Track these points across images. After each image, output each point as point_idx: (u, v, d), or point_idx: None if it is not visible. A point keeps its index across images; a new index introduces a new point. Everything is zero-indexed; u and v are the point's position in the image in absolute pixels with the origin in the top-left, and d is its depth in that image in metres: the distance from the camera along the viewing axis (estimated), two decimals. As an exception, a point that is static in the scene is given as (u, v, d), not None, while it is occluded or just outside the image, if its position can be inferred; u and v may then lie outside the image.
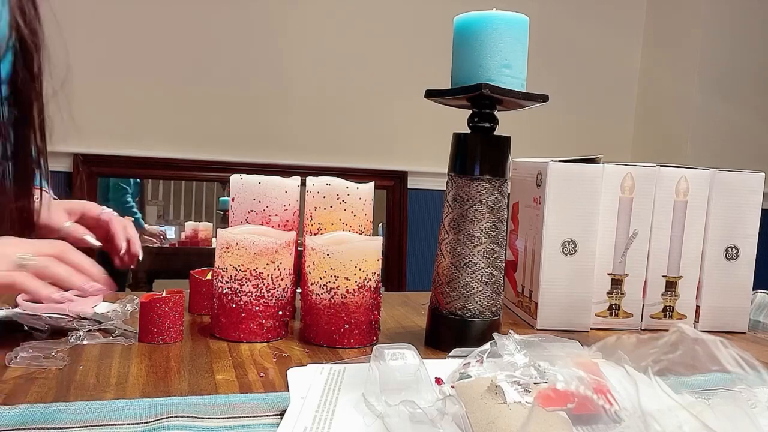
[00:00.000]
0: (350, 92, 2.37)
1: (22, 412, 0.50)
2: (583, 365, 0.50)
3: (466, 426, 0.47)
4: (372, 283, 0.72)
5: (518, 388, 0.49)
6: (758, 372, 0.45)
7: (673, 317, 0.88)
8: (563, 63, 2.51)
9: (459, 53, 0.70)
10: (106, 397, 0.55)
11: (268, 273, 0.71)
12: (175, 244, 2.39)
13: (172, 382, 0.59)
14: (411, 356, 0.56)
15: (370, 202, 0.80)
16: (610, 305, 0.87)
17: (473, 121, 0.72)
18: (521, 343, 0.55)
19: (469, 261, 0.71)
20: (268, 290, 0.72)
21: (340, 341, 0.71)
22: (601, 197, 0.85)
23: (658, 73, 2.58)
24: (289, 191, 0.79)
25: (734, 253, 0.88)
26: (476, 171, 0.71)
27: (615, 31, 2.61)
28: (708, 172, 0.87)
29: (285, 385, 0.59)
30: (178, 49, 2.20)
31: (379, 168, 2.37)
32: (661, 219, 0.87)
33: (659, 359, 0.48)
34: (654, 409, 0.43)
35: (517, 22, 0.69)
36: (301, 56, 2.31)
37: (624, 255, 0.86)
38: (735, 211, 0.87)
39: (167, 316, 0.69)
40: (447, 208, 0.73)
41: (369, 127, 2.40)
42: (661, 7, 2.58)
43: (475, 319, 0.72)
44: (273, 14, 2.27)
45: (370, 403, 0.52)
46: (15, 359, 0.61)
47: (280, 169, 2.20)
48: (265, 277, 0.71)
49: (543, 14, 2.37)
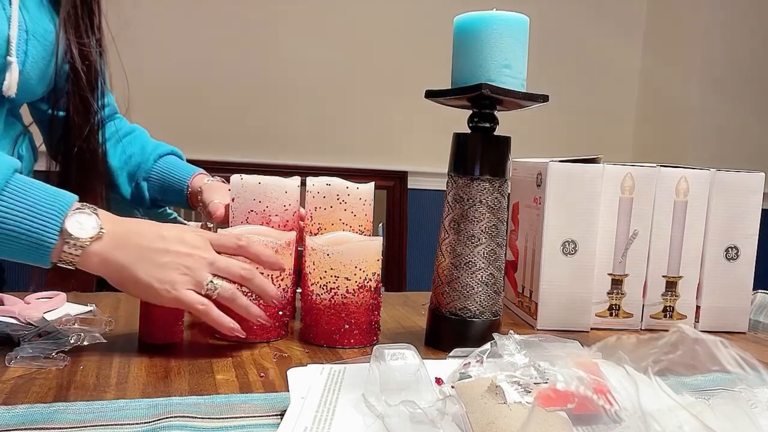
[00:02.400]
0: (350, 92, 2.37)
1: (22, 412, 0.50)
2: (584, 365, 0.50)
3: (466, 426, 0.47)
4: (372, 283, 0.72)
5: (518, 388, 0.49)
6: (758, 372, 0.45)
7: (673, 317, 0.88)
8: (563, 63, 2.51)
9: (459, 53, 0.70)
10: (107, 397, 0.55)
11: (269, 273, 0.71)
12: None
13: (172, 382, 0.59)
14: (411, 356, 0.56)
15: (370, 203, 0.80)
16: (610, 305, 0.87)
17: (473, 121, 0.72)
18: (521, 343, 0.55)
19: (469, 261, 0.71)
20: (269, 290, 0.72)
21: (341, 341, 0.71)
22: (601, 197, 0.85)
23: (658, 73, 2.58)
24: (289, 191, 0.79)
25: (734, 253, 0.88)
26: (476, 171, 0.71)
27: (615, 31, 2.60)
28: (708, 172, 0.87)
29: (285, 385, 0.59)
30: (177, 49, 2.19)
31: (379, 168, 2.37)
32: (661, 219, 0.87)
33: (659, 359, 0.48)
34: (654, 409, 0.43)
35: (517, 22, 0.69)
36: (302, 56, 2.31)
37: (624, 255, 0.86)
38: (735, 211, 0.87)
39: (167, 317, 0.69)
40: (447, 208, 0.73)
41: (369, 127, 2.39)
42: (661, 7, 2.58)
43: (475, 319, 0.72)
44: (273, 14, 2.27)
45: (370, 403, 0.52)
46: (15, 359, 0.61)
47: (281, 170, 2.19)
48: (266, 277, 0.71)
49: (543, 14, 2.37)
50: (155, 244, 0.64)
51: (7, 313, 0.72)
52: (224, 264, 0.66)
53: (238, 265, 0.66)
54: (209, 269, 0.65)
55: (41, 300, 0.78)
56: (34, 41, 0.83)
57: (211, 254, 0.65)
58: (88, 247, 0.61)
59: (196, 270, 0.64)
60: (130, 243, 0.63)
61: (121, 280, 0.64)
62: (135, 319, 0.73)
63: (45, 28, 0.85)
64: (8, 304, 0.75)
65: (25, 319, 0.71)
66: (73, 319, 0.74)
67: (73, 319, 0.74)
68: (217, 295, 0.64)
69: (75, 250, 0.61)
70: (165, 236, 0.65)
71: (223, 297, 0.65)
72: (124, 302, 0.85)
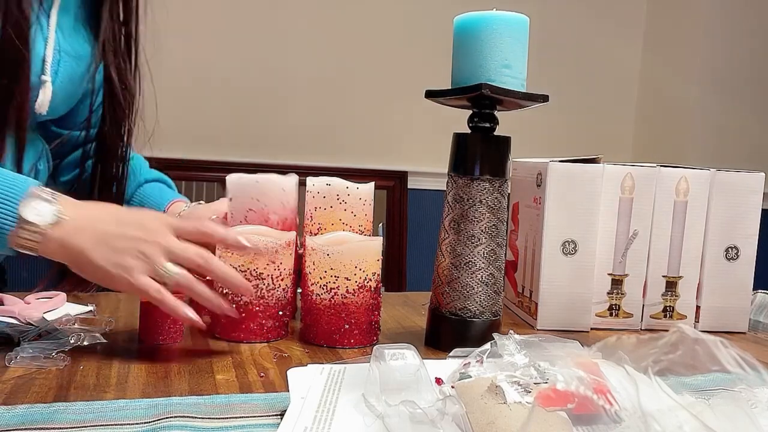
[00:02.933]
0: (350, 92, 2.37)
1: (22, 412, 0.50)
2: (584, 365, 0.50)
3: (466, 426, 0.47)
4: (372, 283, 0.72)
5: (518, 388, 0.49)
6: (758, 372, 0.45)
7: (673, 317, 0.88)
8: (563, 63, 2.51)
9: (459, 53, 0.70)
10: (107, 397, 0.55)
11: (269, 273, 0.71)
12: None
13: (172, 382, 0.59)
14: (411, 356, 0.56)
15: (370, 203, 0.80)
16: (610, 305, 0.87)
17: (473, 121, 0.72)
18: (521, 343, 0.55)
19: (469, 261, 0.71)
20: (269, 290, 0.72)
21: (341, 341, 0.71)
22: (601, 197, 0.85)
23: (658, 73, 2.58)
24: (287, 189, 0.79)
25: (734, 253, 0.88)
26: (476, 171, 0.71)
27: (615, 31, 2.60)
28: (708, 172, 0.87)
29: (285, 385, 0.59)
30: (177, 49, 2.19)
31: (379, 168, 2.37)
32: (661, 219, 0.87)
33: (659, 359, 0.48)
34: (654, 409, 0.43)
35: (517, 22, 0.69)
36: (302, 56, 2.31)
37: (624, 255, 0.86)
38: (735, 211, 0.87)
39: (167, 316, 0.69)
40: (447, 208, 0.73)
41: (369, 127, 2.39)
42: (661, 7, 2.58)
43: (475, 319, 0.72)
44: (273, 14, 2.27)
45: (370, 403, 0.52)
46: (15, 359, 0.61)
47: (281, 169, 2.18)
48: (266, 277, 0.71)
49: (543, 14, 2.37)
50: (113, 228, 0.62)
51: (7, 313, 0.72)
52: (181, 250, 0.63)
53: (196, 252, 0.64)
54: (166, 255, 0.62)
55: (41, 300, 0.78)
56: (66, 61, 0.83)
57: (169, 240, 0.63)
58: (46, 233, 0.60)
59: (152, 256, 0.62)
60: (88, 228, 0.62)
61: (80, 265, 0.62)
62: (135, 319, 0.73)
63: (79, 49, 0.86)
64: (8, 304, 0.75)
65: (25, 319, 0.71)
66: (73, 319, 0.74)
67: (73, 319, 0.74)
68: (172, 282, 0.62)
69: (33, 236, 0.60)
70: (124, 221, 0.63)
71: (179, 284, 0.63)
72: (124, 302, 0.85)
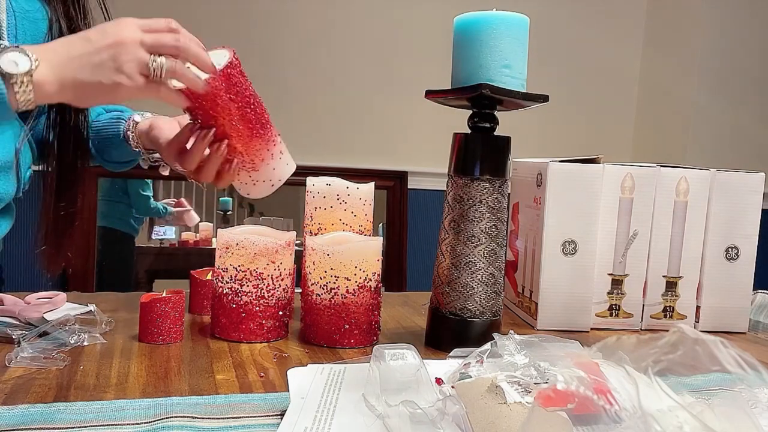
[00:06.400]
0: (351, 92, 2.37)
1: (22, 412, 0.50)
2: (584, 365, 0.50)
3: (467, 426, 0.47)
4: (372, 283, 0.72)
5: (518, 388, 0.49)
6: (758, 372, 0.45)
7: (673, 317, 0.88)
8: (563, 63, 2.51)
9: (459, 53, 0.70)
10: (107, 397, 0.55)
11: (269, 273, 0.71)
12: (176, 245, 2.39)
13: (172, 383, 0.59)
14: (411, 356, 0.56)
15: (370, 203, 0.80)
16: (610, 305, 0.87)
17: (473, 122, 0.72)
18: (521, 344, 0.55)
19: (469, 261, 0.71)
20: (269, 290, 0.72)
21: (341, 341, 0.71)
22: (601, 197, 0.85)
23: (658, 73, 2.58)
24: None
25: (734, 253, 0.88)
26: (476, 171, 0.71)
27: (615, 31, 2.60)
28: (708, 172, 0.87)
29: (285, 385, 0.59)
30: (178, 49, 2.19)
31: (379, 168, 2.37)
32: (661, 219, 0.87)
33: (659, 359, 0.48)
34: (654, 409, 0.43)
35: (517, 22, 0.69)
36: (301, 56, 2.31)
37: (624, 255, 0.86)
38: (735, 211, 0.87)
39: (167, 317, 0.69)
40: (447, 208, 0.73)
41: (369, 127, 2.39)
42: (661, 7, 2.58)
43: (476, 319, 0.72)
44: (273, 14, 2.27)
45: (370, 403, 0.52)
46: (15, 359, 0.61)
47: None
48: (266, 277, 0.71)
49: (543, 14, 2.37)
50: (87, 48, 0.62)
51: (7, 313, 0.72)
52: (154, 38, 0.63)
53: (171, 37, 0.65)
54: (143, 48, 0.63)
55: (41, 300, 0.78)
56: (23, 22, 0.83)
57: (137, 33, 0.64)
58: (33, 78, 0.60)
59: (133, 53, 0.62)
60: (64, 57, 0.62)
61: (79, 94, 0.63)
62: (135, 319, 0.73)
63: (33, 8, 0.85)
64: (8, 304, 0.75)
65: (25, 319, 0.71)
66: (73, 319, 0.75)
67: (73, 319, 0.74)
68: (163, 71, 0.63)
69: (25, 87, 0.60)
70: (90, 38, 0.63)
71: (169, 70, 0.63)
72: (124, 302, 0.85)
